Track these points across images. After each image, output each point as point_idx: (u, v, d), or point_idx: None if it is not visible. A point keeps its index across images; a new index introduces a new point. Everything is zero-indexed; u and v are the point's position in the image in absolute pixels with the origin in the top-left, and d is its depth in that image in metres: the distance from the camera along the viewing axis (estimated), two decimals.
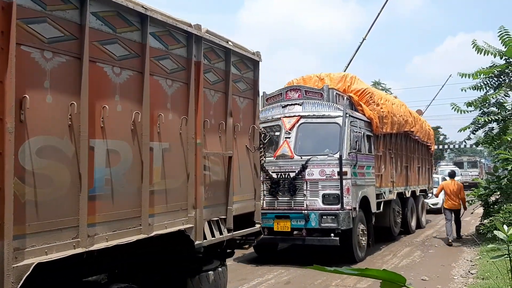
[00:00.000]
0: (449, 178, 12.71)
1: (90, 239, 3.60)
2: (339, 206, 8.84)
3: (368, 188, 10.06)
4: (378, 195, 10.72)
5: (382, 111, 10.81)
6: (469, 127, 12.01)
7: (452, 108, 11.92)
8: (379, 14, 17.93)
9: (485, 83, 11.52)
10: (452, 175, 12.84)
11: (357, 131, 9.53)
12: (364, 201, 9.81)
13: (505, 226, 4.03)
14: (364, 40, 18.49)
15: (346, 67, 18.02)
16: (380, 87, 37.00)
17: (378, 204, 10.65)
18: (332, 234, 8.87)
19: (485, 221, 11.68)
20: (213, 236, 4.95)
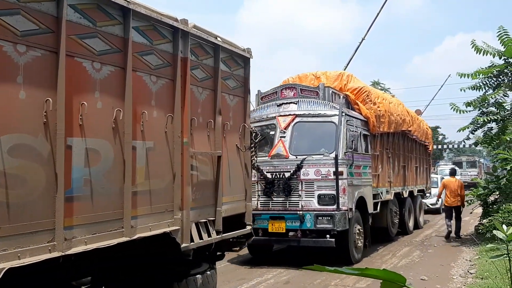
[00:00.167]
0: (450, 176, 13.04)
1: (67, 243, 3.43)
2: (335, 207, 8.67)
3: (365, 188, 9.89)
4: (375, 196, 10.55)
5: (379, 110, 10.63)
6: (468, 127, 12.06)
7: (451, 108, 11.99)
8: (378, 14, 17.78)
9: (484, 83, 11.54)
10: (453, 173, 13.21)
11: (354, 130, 9.37)
12: (361, 202, 9.63)
13: (504, 226, 3.94)
14: (364, 40, 18.36)
15: (346, 67, 17.87)
16: (380, 87, 36.88)
17: (375, 205, 10.48)
18: (328, 235, 8.70)
19: (484, 221, 11.65)
20: (201, 239, 4.78)
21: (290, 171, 8.98)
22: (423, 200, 16.88)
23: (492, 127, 12.00)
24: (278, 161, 9.12)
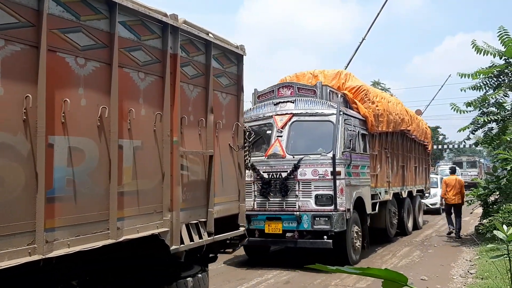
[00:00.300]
0: (450, 174, 13.30)
1: (49, 245, 3.29)
2: (333, 207, 8.53)
3: (363, 189, 9.74)
4: (374, 196, 10.40)
5: (378, 109, 10.49)
6: (469, 127, 12.07)
7: (452, 108, 11.97)
8: (379, 14, 17.62)
9: (485, 83, 11.56)
10: (453, 171, 13.50)
11: (352, 130, 9.22)
12: (359, 202, 9.49)
13: (505, 226, 3.93)
14: (364, 40, 18.22)
15: (346, 67, 17.74)
16: (380, 87, 36.73)
17: (374, 205, 10.33)
18: (325, 237, 8.56)
19: (484, 221, 11.68)
20: (192, 241, 4.63)
21: (287, 171, 8.84)
22: (423, 200, 16.78)
23: (493, 127, 12.02)
24: (275, 161, 8.98)
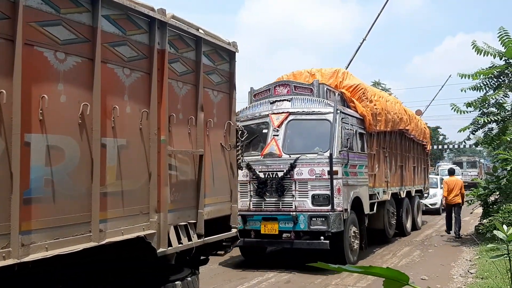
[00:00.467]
0: (449, 175, 13.61)
1: (25, 249, 3.12)
2: (330, 208, 8.38)
3: (361, 188, 9.58)
4: (372, 196, 10.25)
5: (376, 108, 10.33)
6: (469, 128, 12.12)
7: (452, 109, 12.04)
8: (379, 15, 17.40)
9: (485, 84, 11.63)
10: (452, 172, 13.82)
11: (349, 129, 9.07)
12: (357, 202, 9.34)
13: (505, 226, 3.93)
14: (364, 41, 18.02)
15: (347, 67, 17.53)
16: (380, 87, 36.51)
17: (372, 205, 10.18)
18: (322, 237, 8.41)
19: (485, 221, 11.73)
20: (180, 243, 4.47)
21: (283, 171, 8.69)
22: (423, 201, 16.67)
23: (493, 128, 12.07)
24: (271, 160, 8.83)
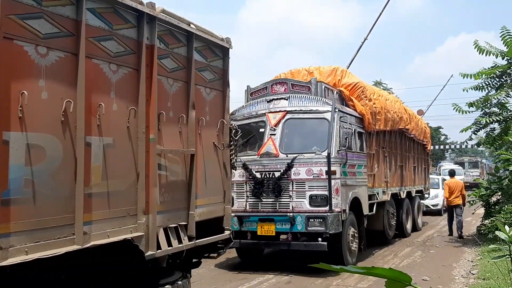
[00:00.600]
0: (450, 177, 13.60)
1: (3, 252, 2.98)
2: (327, 208, 8.21)
3: (360, 189, 9.42)
4: (371, 196, 10.08)
5: (375, 107, 10.16)
6: (471, 128, 12.07)
7: (454, 109, 11.93)
8: (381, 14, 17.22)
9: (487, 84, 11.57)
10: (452, 174, 13.72)
11: (347, 128, 8.90)
12: (355, 203, 9.18)
13: (507, 227, 3.87)
14: (366, 40, 17.85)
15: (348, 67, 17.37)
16: (382, 87, 36.35)
17: (371, 206, 10.01)
18: (320, 239, 8.24)
19: (486, 222, 11.66)
20: (170, 246, 4.32)
21: (280, 171, 8.54)
22: (425, 201, 16.54)
23: (495, 128, 12.00)
24: (268, 160, 8.67)
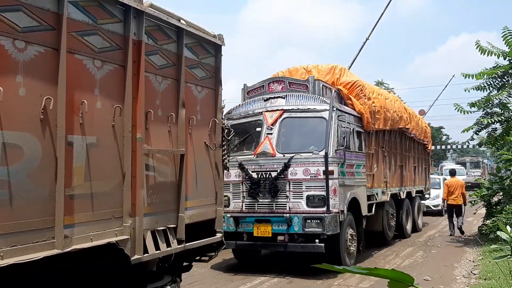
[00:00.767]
0: (451, 176, 13.68)
1: None
2: (325, 209, 8.04)
3: (358, 189, 9.26)
4: (370, 197, 9.92)
5: (374, 106, 9.99)
6: (472, 128, 12.07)
7: (455, 109, 11.89)
8: (382, 14, 17.04)
9: (489, 84, 11.53)
10: (453, 173, 13.80)
11: (346, 127, 8.73)
12: (354, 203, 9.01)
13: (508, 227, 3.86)
14: (368, 40, 17.68)
15: (349, 67, 17.20)
16: (383, 87, 36.19)
17: (370, 206, 9.84)
18: (317, 240, 8.07)
19: (488, 222, 11.61)
20: (158, 249, 4.16)
21: (277, 171, 8.37)
22: (426, 202, 16.40)
23: (496, 128, 11.93)
24: (265, 160, 8.51)
